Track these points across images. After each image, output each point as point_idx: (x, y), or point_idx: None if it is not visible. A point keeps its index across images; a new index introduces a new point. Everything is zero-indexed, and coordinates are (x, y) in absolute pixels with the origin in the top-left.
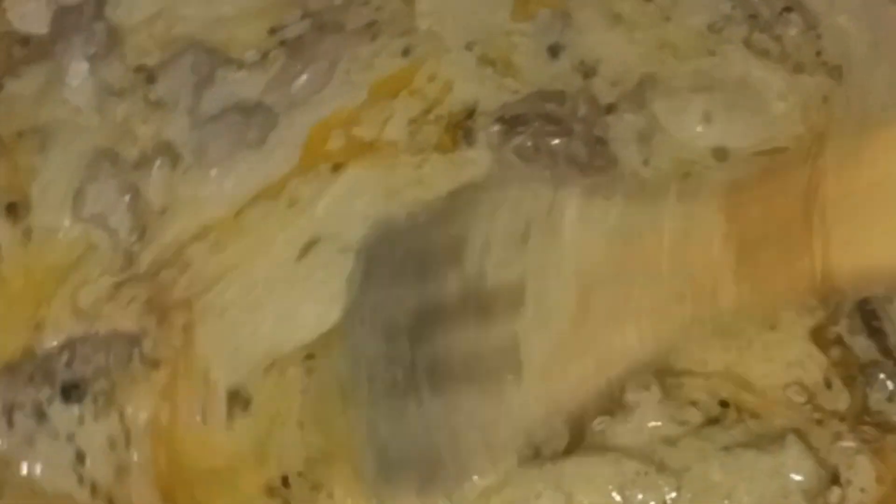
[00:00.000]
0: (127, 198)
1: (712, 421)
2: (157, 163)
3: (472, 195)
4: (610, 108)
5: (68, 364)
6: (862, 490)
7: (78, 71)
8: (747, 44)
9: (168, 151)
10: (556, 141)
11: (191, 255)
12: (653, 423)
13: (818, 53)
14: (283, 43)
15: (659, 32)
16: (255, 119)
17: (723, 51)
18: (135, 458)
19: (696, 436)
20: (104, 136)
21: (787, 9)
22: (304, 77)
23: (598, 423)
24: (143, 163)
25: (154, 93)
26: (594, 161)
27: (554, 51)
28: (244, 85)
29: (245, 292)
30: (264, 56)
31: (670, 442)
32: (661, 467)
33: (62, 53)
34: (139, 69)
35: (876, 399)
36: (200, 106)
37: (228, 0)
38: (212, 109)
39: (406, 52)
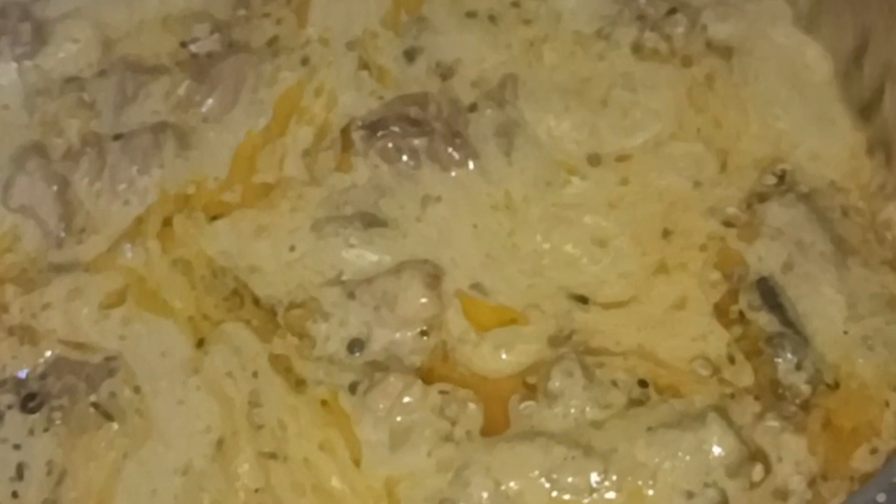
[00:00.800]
0: (55, 188)
1: (635, 402)
2: (86, 154)
3: None
4: (472, 107)
5: (42, 377)
6: (797, 463)
7: (6, 71)
8: (636, 46)
9: (96, 143)
10: (417, 141)
11: None
12: (578, 409)
13: (708, 44)
14: (194, 56)
15: (524, 34)
16: (166, 141)
17: (609, 56)
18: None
19: (621, 417)
20: (33, 130)
21: (673, 10)
22: (211, 99)
23: (525, 409)
24: (71, 155)
25: (85, 96)
26: (455, 156)
27: (410, 55)
28: (157, 101)
29: None
30: (175, 75)
31: (596, 425)
32: (588, 451)
33: None
34: (70, 80)
35: (784, 370)
36: (119, 122)
37: (147, 7)
38: (128, 126)
39: (305, 62)
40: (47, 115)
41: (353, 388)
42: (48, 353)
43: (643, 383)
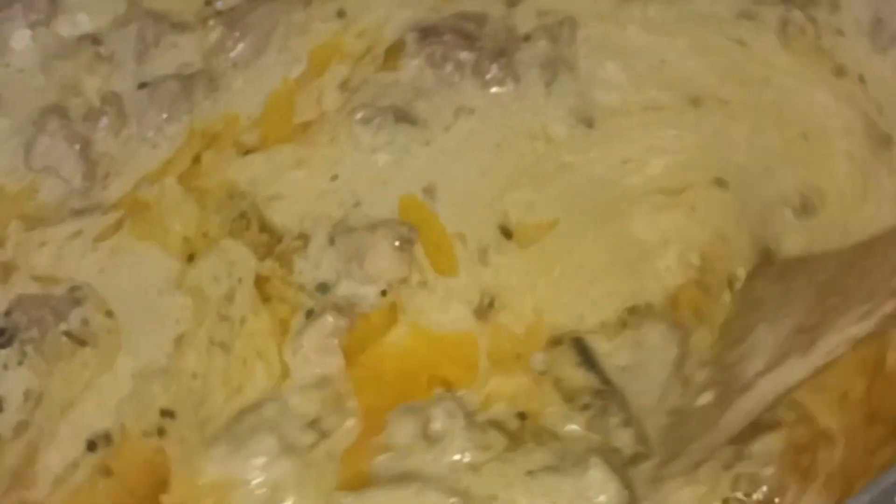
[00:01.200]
0: (77, 147)
1: (515, 440)
2: (106, 113)
3: None
4: (527, 37)
5: (7, 314)
6: None
7: (21, 37)
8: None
9: (116, 101)
10: (465, 54)
11: None
12: (458, 452)
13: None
14: (219, 13)
15: None
16: (195, 86)
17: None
18: (37, 421)
19: (500, 460)
20: (52, 93)
21: None
22: (242, 44)
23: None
24: (91, 115)
25: (102, 50)
26: (498, 74)
27: None
28: (185, 52)
29: None
30: (203, 25)
31: (474, 469)
32: (467, 498)
33: (4, 21)
34: (84, 35)
35: (614, 424)
36: (143, 71)
37: None
38: (153, 74)
39: (341, 14)
40: (65, 77)
41: (309, 314)
42: (18, 291)
43: (522, 416)
